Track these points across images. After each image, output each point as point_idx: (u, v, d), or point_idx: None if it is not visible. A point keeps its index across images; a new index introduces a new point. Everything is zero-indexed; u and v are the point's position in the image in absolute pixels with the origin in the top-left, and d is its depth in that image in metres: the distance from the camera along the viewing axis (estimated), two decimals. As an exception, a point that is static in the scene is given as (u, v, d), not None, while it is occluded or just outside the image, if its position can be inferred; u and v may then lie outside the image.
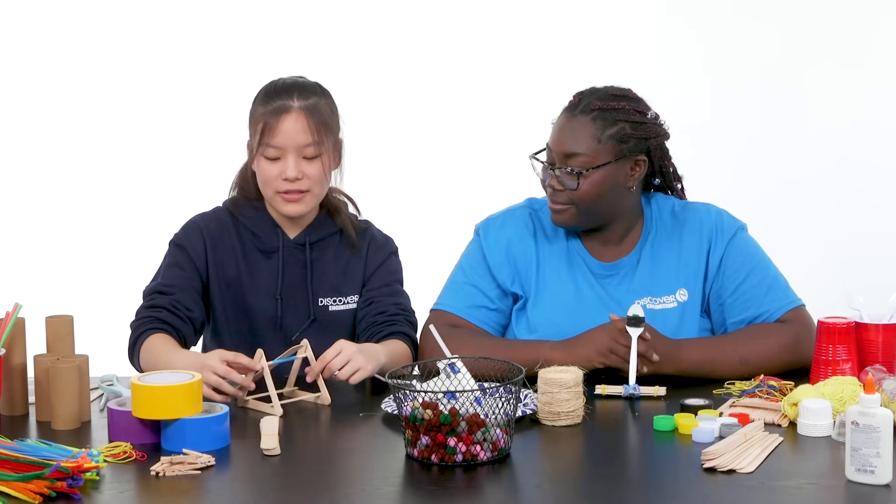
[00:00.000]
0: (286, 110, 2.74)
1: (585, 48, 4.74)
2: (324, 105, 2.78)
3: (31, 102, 4.70)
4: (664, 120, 2.79)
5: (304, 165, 2.75)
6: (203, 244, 2.83)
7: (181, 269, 2.81)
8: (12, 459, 2.08)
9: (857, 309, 2.63)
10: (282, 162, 2.75)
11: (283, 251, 2.83)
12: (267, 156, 2.76)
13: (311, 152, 2.75)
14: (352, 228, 2.87)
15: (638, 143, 2.73)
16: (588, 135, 2.70)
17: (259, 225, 2.85)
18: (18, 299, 2.51)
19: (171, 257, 2.84)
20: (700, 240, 2.80)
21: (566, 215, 2.75)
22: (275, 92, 2.77)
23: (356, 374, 2.58)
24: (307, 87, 2.80)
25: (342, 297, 2.86)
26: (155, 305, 2.75)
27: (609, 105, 2.71)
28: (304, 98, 2.76)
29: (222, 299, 2.83)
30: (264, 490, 2.12)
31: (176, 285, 2.78)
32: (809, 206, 4.74)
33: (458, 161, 4.74)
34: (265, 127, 2.74)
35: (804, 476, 2.13)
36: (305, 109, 2.75)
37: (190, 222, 2.88)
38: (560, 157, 2.72)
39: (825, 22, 4.70)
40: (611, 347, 2.62)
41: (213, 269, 2.83)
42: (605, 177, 2.71)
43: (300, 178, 2.75)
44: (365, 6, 4.74)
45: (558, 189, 2.73)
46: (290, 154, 2.74)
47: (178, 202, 2.92)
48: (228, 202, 2.90)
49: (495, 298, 2.82)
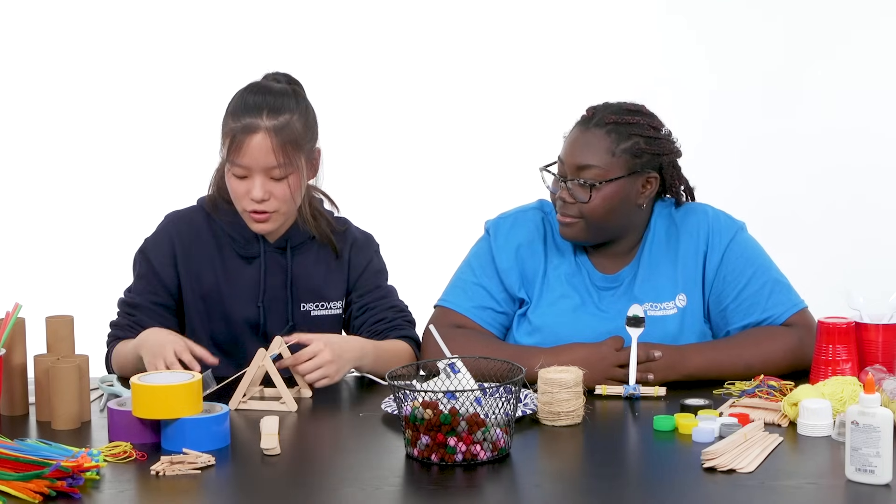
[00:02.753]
0: (253, 130, 2.66)
1: (585, 48, 4.74)
2: (295, 122, 2.70)
3: (31, 103, 4.70)
4: (676, 137, 2.78)
5: (271, 186, 2.69)
6: (172, 252, 2.79)
7: (146, 283, 2.80)
8: (12, 459, 2.08)
9: (857, 309, 2.63)
10: (249, 181, 2.69)
11: (264, 257, 2.80)
12: (235, 173, 2.70)
13: (277, 174, 2.68)
14: (329, 233, 2.83)
15: (651, 158, 2.72)
16: (602, 148, 2.69)
17: (238, 229, 2.80)
18: (18, 299, 2.51)
19: (138, 266, 2.83)
20: (697, 244, 2.79)
21: (575, 229, 2.73)
22: (244, 108, 2.69)
23: (322, 381, 2.59)
24: (278, 102, 2.70)
25: (325, 303, 2.83)
26: (119, 325, 2.78)
27: (624, 119, 2.70)
28: (274, 116, 2.68)
29: (198, 307, 2.80)
30: (264, 490, 2.12)
31: (139, 304, 2.78)
32: (809, 207, 4.74)
33: (457, 158, 4.73)
34: (232, 144, 2.68)
35: (804, 476, 2.13)
36: (274, 129, 2.66)
37: (160, 226, 2.83)
38: (572, 169, 2.71)
39: (826, 22, 4.70)
40: (607, 374, 2.61)
41: (185, 279, 2.79)
42: (616, 191, 2.69)
43: (266, 199, 2.69)
44: (363, 8, 4.74)
45: (569, 202, 2.71)
46: (256, 175, 2.68)
47: (177, 202, 2.91)
48: (206, 201, 2.84)
49: (502, 301, 2.81)
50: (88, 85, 4.69)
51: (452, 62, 4.76)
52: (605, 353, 2.62)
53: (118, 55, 4.70)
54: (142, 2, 4.70)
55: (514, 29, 4.76)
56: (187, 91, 4.67)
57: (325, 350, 2.59)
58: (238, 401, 2.53)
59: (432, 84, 4.75)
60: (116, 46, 4.70)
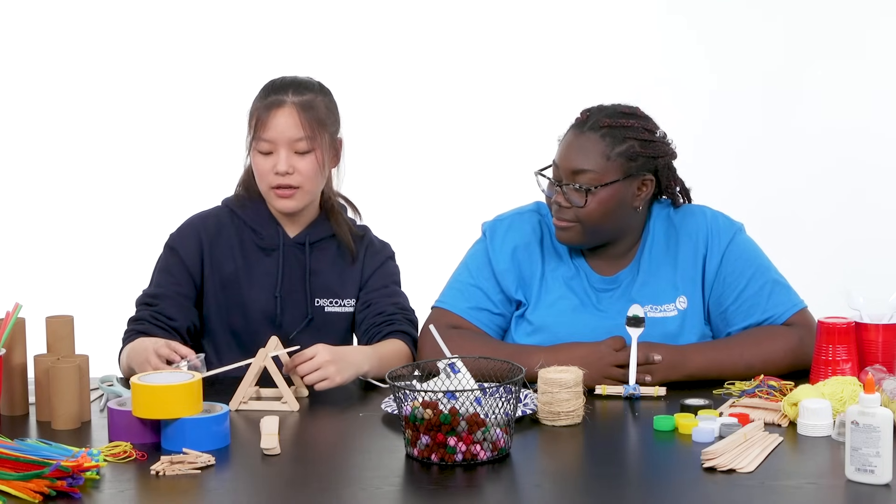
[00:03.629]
0: (279, 105, 2.77)
1: (585, 48, 4.73)
2: (320, 102, 2.80)
3: (31, 103, 4.69)
4: (671, 139, 2.78)
5: (295, 160, 2.77)
6: (199, 244, 2.84)
7: (170, 275, 2.82)
8: (12, 459, 2.08)
9: (857, 309, 2.63)
10: (274, 156, 2.77)
11: (283, 249, 2.84)
12: (260, 150, 2.78)
13: (302, 147, 2.76)
14: (348, 234, 2.88)
15: (646, 161, 2.71)
16: (597, 152, 2.69)
17: (259, 221, 2.85)
18: (18, 299, 2.51)
19: (162, 261, 2.86)
20: (696, 246, 2.79)
21: (571, 233, 2.73)
22: (272, 88, 2.81)
23: (322, 383, 2.59)
24: (305, 84, 2.82)
25: (339, 300, 2.86)
26: (138, 318, 2.78)
27: (618, 122, 2.70)
28: (300, 94, 2.78)
29: (217, 297, 2.83)
30: (264, 490, 2.12)
31: (161, 294, 2.80)
32: (809, 207, 4.74)
33: (458, 161, 4.73)
34: (258, 121, 2.77)
35: (804, 476, 2.13)
36: (299, 105, 2.77)
37: (186, 223, 2.89)
38: (567, 173, 2.70)
39: (826, 22, 4.70)
40: (605, 374, 2.61)
41: (208, 268, 2.83)
42: (612, 195, 2.69)
43: (291, 173, 2.76)
44: (369, 8, 4.74)
45: (565, 206, 2.71)
46: (281, 148, 2.76)
47: (178, 203, 2.92)
48: (231, 199, 2.90)
49: (499, 303, 2.81)
50: (90, 86, 4.69)
51: (452, 62, 4.75)
52: (604, 352, 2.62)
53: (119, 57, 4.69)
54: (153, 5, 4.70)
55: (513, 29, 4.76)
56: (190, 94, 4.67)
57: (324, 351, 2.59)
58: (239, 401, 2.53)
59: (433, 84, 4.75)
60: (117, 48, 4.69)
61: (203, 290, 2.84)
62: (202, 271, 2.84)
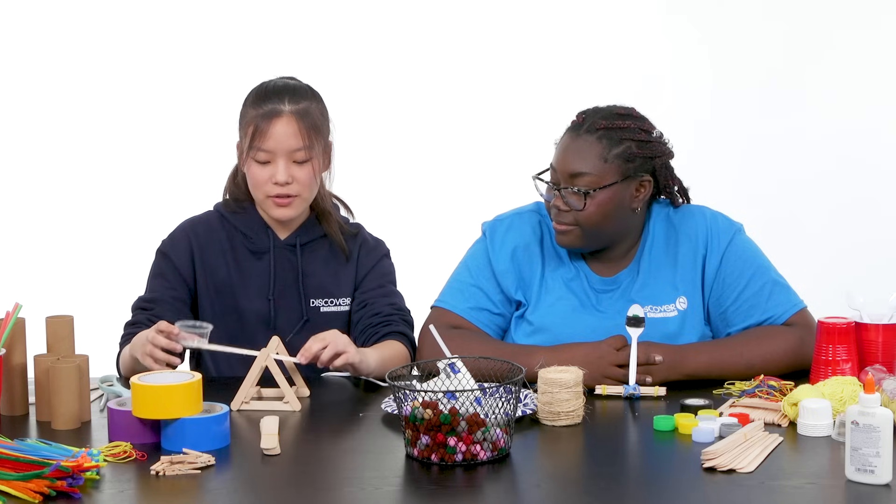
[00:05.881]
0: (277, 114, 2.74)
1: (586, 48, 4.74)
2: (314, 109, 2.79)
3: (31, 104, 4.70)
4: (668, 139, 2.78)
5: (294, 170, 2.76)
6: (189, 249, 2.83)
7: (164, 280, 2.83)
8: (12, 459, 2.08)
9: (857, 309, 2.63)
10: (272, 166, 2.75)
11: (273, 252, 2.84)
12: (257, 159, 2.76)
13: (301, 156, 2.76)
14: (339, 234, 2.87)
15: (644, 162, 2.71)
16: (594, 154, 2.69)
17: (250, 226, 2.85)
18: (18, 299, 2.51)
19: (155, 267, 2.86)
20: (695, 246, 2.79)
21: (571, 236, 2.73)
22: (265, 95, 2.78)
23: (339, 359, 2.56)
24: (298, 90, 2.80)
25: (334, 299, 2.86)
26: (135, 322, 2.78)
27: (614, 124, 2.70)
28: (296, 102, 2.76)
29: (212, 303, 2.84)
30: (264, 490, 2.12)
31: (157, 298, 2.80)
32: (809, 207, 4.74)
33: (456, 161, 4.74)
34: (256, 130, 2.75)
35: (804, 476, 2.13)
36: (296, 113, 2.75)
37: (177, 228, 2.88)
38: (565, 177, 2.70)
39: (827, 22, 4.70)
40: (606, 373, 2.61)
41: (200, 274, 2.83)
42: (611, 197, 2.69)
43: (290, 183, 2.76)
44: (369, 7, 4.74)
45: (563, 209, 2.71)
46: (280, 158, 2.74)
47: (177, 203, 2.92)
48: (220, 205, 2.90)
49: (498, 303, 2.81)
50: (89, 86, 4.70)
51: (452, 61, 4.75)
52: (604, 352, 2.62)
53: (119, 57, 4.70)
54: (150, 6, 4.70)
55: (513, 29, 4.76)
56: (187, 96, 4.68)
57: (323, 335, 2.58)
58: (241, 401, 2.53)
59: (433, 83, 4.75)
60: (115, 47, 4.70)
61: (197, 295, 2.84)
62: (195, 276, 2.84)
